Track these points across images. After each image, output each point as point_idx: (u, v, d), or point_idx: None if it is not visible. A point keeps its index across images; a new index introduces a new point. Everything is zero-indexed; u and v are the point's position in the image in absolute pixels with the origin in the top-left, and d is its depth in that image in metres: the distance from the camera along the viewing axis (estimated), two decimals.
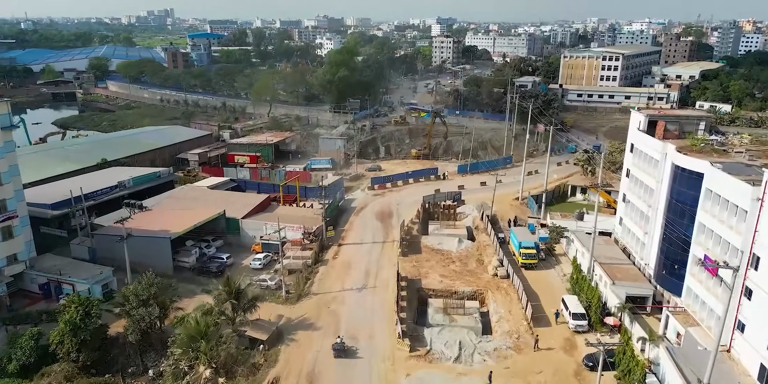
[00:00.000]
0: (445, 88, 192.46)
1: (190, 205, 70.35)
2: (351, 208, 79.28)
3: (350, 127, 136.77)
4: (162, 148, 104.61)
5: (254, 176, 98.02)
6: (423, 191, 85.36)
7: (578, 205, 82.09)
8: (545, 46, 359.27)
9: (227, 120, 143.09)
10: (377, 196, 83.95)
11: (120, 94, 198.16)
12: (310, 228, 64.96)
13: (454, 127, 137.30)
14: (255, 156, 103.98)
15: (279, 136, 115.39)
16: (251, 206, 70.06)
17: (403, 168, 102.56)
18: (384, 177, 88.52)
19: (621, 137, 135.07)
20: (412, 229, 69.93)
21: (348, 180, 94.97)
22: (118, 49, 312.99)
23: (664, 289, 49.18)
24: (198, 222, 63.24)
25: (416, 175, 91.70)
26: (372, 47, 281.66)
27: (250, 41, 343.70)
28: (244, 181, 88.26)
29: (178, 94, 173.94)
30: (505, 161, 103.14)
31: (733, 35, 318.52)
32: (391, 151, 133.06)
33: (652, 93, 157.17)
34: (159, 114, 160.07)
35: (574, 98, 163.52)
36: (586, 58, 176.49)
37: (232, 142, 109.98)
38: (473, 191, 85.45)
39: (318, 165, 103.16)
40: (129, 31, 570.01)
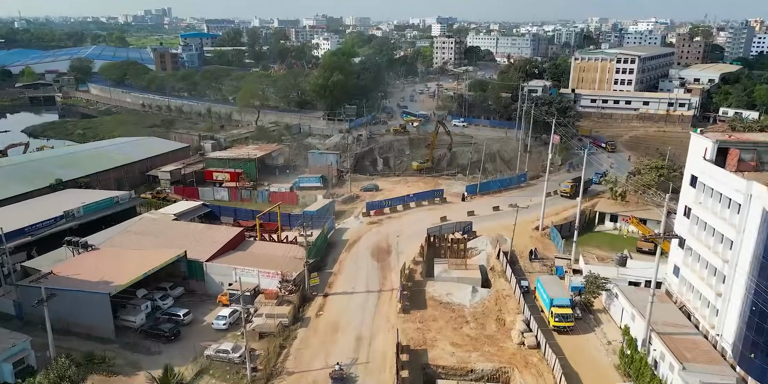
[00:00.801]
0: (447, 91, 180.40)
1: (147, 243, 58.24)
2: (342, 241, 67.08)
3: (345, 136, 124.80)
4: (131, 164, 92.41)
5: (233, 197, 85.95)
6: (426, 218, 73.38)
7: (609, 237, 70.14)
8: (550, 47, 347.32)
9: (211, 129, 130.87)
10: (373, 225, 71.80)
11: (101, 98, 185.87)
12: (289, 274, 52.83)
13: (458, 136, 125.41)
14: (236, 173, 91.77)
15: (264, 149, 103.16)
16: (219, 244, 57.95)
17: (403, 187, 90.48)
18: (381, 201, 76.37)
19: (642, 149, 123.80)
20: (414, 272, 57.86)
21: (340, 202, 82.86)
22: (107, 50, 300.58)
23: (750, 376, 37.15)
24: (150, 269, 51.07)
25: (418, 198, 79.56)
26: (370, 48, 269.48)
27: (245, 41, 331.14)
28: (219, 207, 76.02)
29: (161, 98, 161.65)
30: (520, 179, 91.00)
31: (745, 35, 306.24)
32: (390, 163, 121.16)
33: (673, 98, 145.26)
34: (139, 120, 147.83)
35: (587, 104, 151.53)
36: (599, 61, 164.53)
37: (210, 156, 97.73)
38: (485, 218, 73.36)
39: (307, 183, 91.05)
40: (124, 31, 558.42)
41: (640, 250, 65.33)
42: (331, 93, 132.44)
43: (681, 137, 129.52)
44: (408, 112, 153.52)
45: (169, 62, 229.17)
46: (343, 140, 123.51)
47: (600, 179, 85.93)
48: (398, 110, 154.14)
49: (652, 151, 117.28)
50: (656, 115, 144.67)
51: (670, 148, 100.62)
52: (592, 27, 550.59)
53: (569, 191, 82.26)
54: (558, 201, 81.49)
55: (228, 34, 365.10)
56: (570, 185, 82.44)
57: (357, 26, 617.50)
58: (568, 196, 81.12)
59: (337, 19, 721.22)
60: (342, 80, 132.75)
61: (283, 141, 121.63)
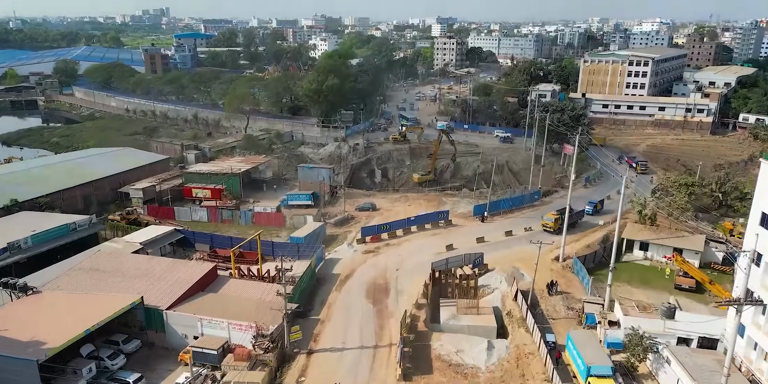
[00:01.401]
0: (449, 95, 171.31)
1: (100, 283, 49.12)
2: (332, 275, 57.91)
3: (340, 145, 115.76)
4: (101, 180, 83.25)
5: (213, 218, 76.75)
6: (430, 246, 64.28)
7: (640, 270, 61.05)
8: (553, 48, 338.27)
9: (195, 137, 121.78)
10: (369, 255, 62.62)
11: (85, 102, 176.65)
12: (265, 328, 43.68)
13: (462, 145, 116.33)
14: (218, 189, 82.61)
15: (251, 161, 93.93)
16: (186, 285, 48.78)
17: (404, 206, 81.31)
18: (378, 226, 67.16)
19: (662, 160, 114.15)
20: (417, 320, 48.77)
21: (332, 225, 73.70)
22: (97, 50, 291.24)
23: None
24: (95, 323, 41.93)
25: (421, 222, 70.37)
26: (369, 49, 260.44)
27: (240, 42, 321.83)
28: (193, 233, 66.79)
29: (146, 103, 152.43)
30: (533, 197, 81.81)
31: (754, 36, 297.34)
32: (389, 174, 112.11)
33: (691, 104, 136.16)
34: (122, 127, 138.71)
35: (598, 109, 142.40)
36: (609, 63, 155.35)
37: (189, 170, 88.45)
38: (497, 246, 64.21)
39: (296, 201, 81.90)
40: (120, 31, 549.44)
41: (678, 287, 56.35)
42: (325, 98, 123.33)
43: (702, 146, 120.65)
44: (402, 116, 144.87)
45: (159, 64, 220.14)
46: (338, 150, 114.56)
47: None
48: (398, 115, 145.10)
49: (672, 162, 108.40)
50: (673, 121, 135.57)
51: (700, 163, 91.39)
52: (594, 27, 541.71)
53: (552, 226, 68.53)
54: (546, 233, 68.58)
55: (223, 34, 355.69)
56: (554, 218, 68.71)
57: (356, 26, 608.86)
58: (552, 231, 67.97)
59: (336, 20, 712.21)
60: (338, 84, 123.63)
61: (273, 150, 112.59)
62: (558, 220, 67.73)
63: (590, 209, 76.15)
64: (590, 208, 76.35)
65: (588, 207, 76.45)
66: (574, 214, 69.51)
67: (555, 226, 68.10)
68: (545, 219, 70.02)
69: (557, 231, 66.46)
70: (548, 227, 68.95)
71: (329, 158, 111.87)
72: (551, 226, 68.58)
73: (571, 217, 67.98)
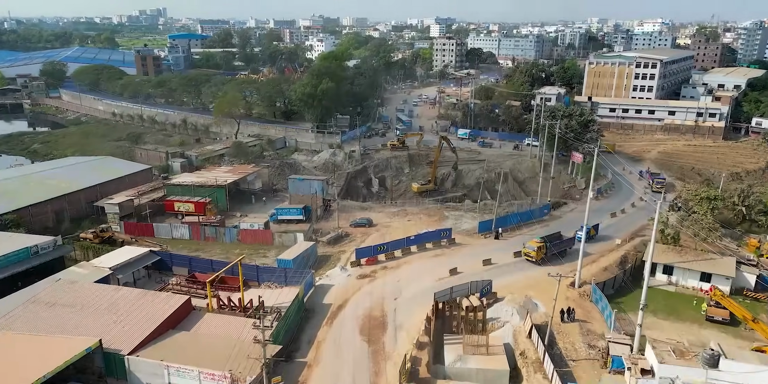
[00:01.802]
0: (449, 98, 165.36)
1: (57, 320, 43.04)
2: (322, 306, 51.78)
3: (336, 152, 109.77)
4: (75, 193, 77.09)
5: (196, 235, 70.61)
6: (431, 270, 58.22)
7: (664, 296, 55.08)
8: (554, 49, 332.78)
9: (182, 143, 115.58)
10: (364, 280, 56.50)
11: (72, 106, 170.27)
12: (242, 378, 37.53)
13: (464, 152, 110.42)
14: (202, 203, 76.47)
15: (239, 171, 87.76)
16: (154, 322, 42.69)
17: (402, 221, 75.25)
18: (375, 247, 60.99)
19: (676, 168, 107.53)
20: (419, 362, 42.65)
21: (325, 243, 67.63)
22: (88, 51, 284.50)
23: None
24: (44, 374, 35.74)
25: (421, 241, 64.26)
26: (366, 49, 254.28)
27: (236, 42, 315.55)
28: (170, 255, 60.57)
29: (134, 106, 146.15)
30: (542, 212, 75.71)
31: (759, 37, 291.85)
32: (386, 183, 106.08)
33: (702, 108, 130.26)
34: (108, 132, 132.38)
35: (605, 114, 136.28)
36: (615, 65, 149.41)
37: (171, 182, 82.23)
38: (506, 270, 58.16)
39: (286, 215, 75.80)
40: (116, 31, 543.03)
41: (710, 319, 50.42)
42: (320, 102, 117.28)
43: (716, 153, 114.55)
44: (398, 118, 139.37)
45: (151, 65, 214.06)
46: (333, 157, 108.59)
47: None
48: (395, 118, 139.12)
49: (687, 170, 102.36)
50: (683, 126, 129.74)
51: (722, 175, 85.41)
52: (593, 28, 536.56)
53: (535, 255, 59.20)
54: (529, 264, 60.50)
55: (218, 35, 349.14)
56: (537, 246, 59.39)
57: (354, 27, 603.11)
58: (534, 261, 59.39)
59: (334, 20, 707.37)
60: (333, 88, 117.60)
61: (264, 157, 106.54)
62: (542, 248, 59.42)
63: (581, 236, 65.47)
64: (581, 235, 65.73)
65: (580, 233, 62.58)
66: (562, 242, 62.31)
67: (538, 256, 59.07)
68: (527, 247, 60.28)
69: (540, 261, 58.87)
70: (530, 257, 59.76)
71: (323, 166, 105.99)
72: (534, 256, 59.34)
73: (558, 245, 61.38)
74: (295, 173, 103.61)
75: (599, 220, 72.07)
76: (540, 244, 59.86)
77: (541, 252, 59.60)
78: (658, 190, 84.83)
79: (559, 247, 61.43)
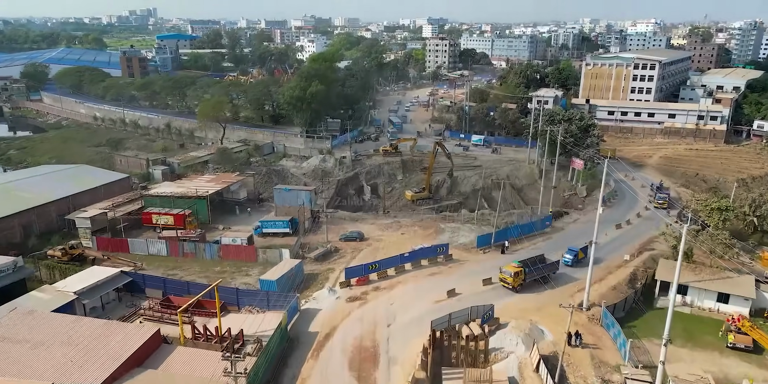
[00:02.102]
0: (443, 100, 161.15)
1: (9, 358, 38.08)
2: (307, 335, 47.11)
3: (326, 158, 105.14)
4: (45, 206, 71.91)
5: (173, 251, 65.72)
6: (428, 291, 53.74)
7: (679, 319, 50.74)
8: (548, 49, 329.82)
9: (165, 149, 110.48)
10: (354, 304, 51.88)
11: (53, 109, 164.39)
12: None
13: (459, 157, 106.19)
14: (182, 215, 71.56)
15: (222, 180, 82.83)
16: (116, 361, 37.88)
17: (396, 235, 70.67)
18: (366, 265, 56.34)
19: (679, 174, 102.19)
20: None
21: (312, 260, 62.99)
22: (73, 52, 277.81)
23: None
24: None
25: (416, 258, 59.73)
26: (358, 50, 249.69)
27: (225, 43, 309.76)
28: (143, 276, 55.65)
29: (117, 110, 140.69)
30: (543, 224, 71.35)
31: (754, 37, 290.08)
32: (378, 191, 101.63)
33: (703, 111, 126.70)
34: (88, 137, 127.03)
35: (603, 117, 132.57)
36: (613, 66, 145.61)
37: (149, 193, 77.19)
38: (507, 291, 53.60)
39: (272, 228, 71.02)
40: (105, 32, 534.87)
41: (732, 346, 46.28)
42: (309, 106, 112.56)
43: (719, 157, 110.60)
44: (390, 120, 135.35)
45: (136, 67, 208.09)
46: (323, 163, 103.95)
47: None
48: (388, 119, 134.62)
49: (691, 176, 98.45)
50: (684, 129, 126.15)
51: (735, 185, 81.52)
52: (586, 28, 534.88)
53: (512, 281, 53.05)
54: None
55: (208, 35, 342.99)
56: (514, 271, 53.05)
57: (346, 27, 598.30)
58: (511, 288, 53.36)
59: (326, 20, 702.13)
60: (323, 90, 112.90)
61: (251, 164, 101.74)
62: (520, 274, 53.27)
63: (569, 259, 59.53)
64: (570, 258, 59.60)
65: (567, 256, 59.91)
66: (545, 266, 55.84)
67: (515, 283, 53.04)
68: (503, 271, 53.76)
69: (517, 288, 53.26)
70: (506, 283, 53.42)
71: (313, 173, 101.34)
72: (510, 283, 53.09)
73: (539, 270, 55.05)
74: (282, 181, 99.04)
75: (605, 232, 67.79)
76: (518, 269, 53.39)
77: (519, 278, 53.30)
78: (660, 207, 78.38)
79: (540, 271, 54.94)
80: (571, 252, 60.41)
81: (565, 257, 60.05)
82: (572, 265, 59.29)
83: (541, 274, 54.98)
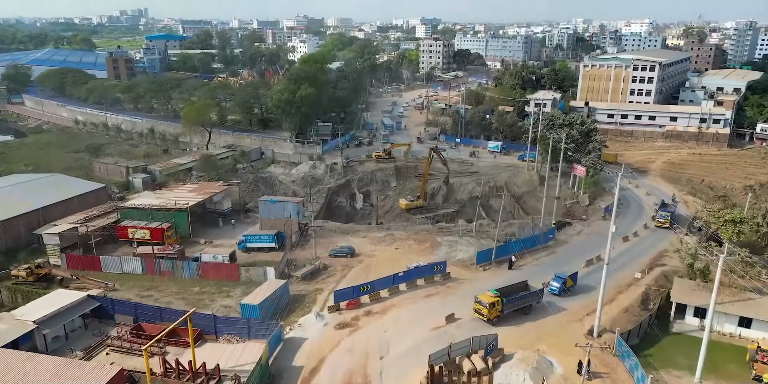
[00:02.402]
0: (437, 103, 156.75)
1: None
2: (292, 370, 42.46)
3: (316, 165, 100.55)
4: (13, 220, 66.85)
5: (149, 269, 60.96)
6: (424, 315, 49.25)
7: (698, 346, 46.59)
8: (542, 50, 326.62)
9: (148, 155, 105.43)
10: (344, 331, 47.30)
11: (35, 112, 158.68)
12: None
13: (455, 163, 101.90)
14: (160, 229, 66.75)
15: (205, 190, 77.93)
16: None
17: (389, 249, 66.15)
18: (356, 287, 51.65)
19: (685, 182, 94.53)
20: None
21: (299, 279, 58.38)
22: (59, 53, 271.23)
23: None
24: None
25: (411, 278, 55.22)
26: (351, 51, 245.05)
27: (215, 43, 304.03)
28: (111, 301, 50.78)
29: (99, 113, 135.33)
30: (546, 237, 67.00)
31: (749, 37, 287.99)
32: (371, 199, 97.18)
33: (706, 113, 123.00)
34: (68, 142, 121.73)
35: (603, 120, 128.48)
36: (612, 68, 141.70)
37: (125, 205, 72.22)
38: (511, 315, 49.15)
39: (256, 243, 66.35)
40: (95, 32, 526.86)
41: (758, 379, 42.11)
42: (298, 110, 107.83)
43: (724, 162, 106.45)
44: (382, 122, 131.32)
45: (123, 68, 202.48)
46: (313, 170, 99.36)
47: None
48: (382, 127, 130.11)
49: (697, 183, 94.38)
50: (686, 133, 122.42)
51: (748, 194, 77.54)
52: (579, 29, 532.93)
53: (487, 313, 47.01)
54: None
55: (198, 36, 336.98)
56: (489, 302, 46.94)
57: (339, 27, 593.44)
58: (486, 319, 47.36)
59: (319, 21, 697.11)
60: (313, 93, 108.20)
61: (237, 171, 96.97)
62: (497, 304, 47.08)
63: (556, 288, 52.58)
64: (557, 287, 52.65)
65: (554, 284, 53.02)
66: (527, 296, 49.45)
67: (492, 315, 46.95)
68: (479, 302, 47.59)
69: (494, 321, 47.21)
70: (481, 315, 47.32)
71: (302, 180, 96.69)
72: (486, 315, 46.98)
73: (520, 300, 48.73)
74: (270, 189, 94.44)
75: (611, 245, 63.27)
76: (494, 299, 47.25)
77: (496, 309, 47.25)
78: (662, 226, 70.90)
79: (521, 302, 49.06)
80: (558, 279, 53.32)
81: (551, 285, 53.21)
82: (559, 294, 52.71)
83: (522, 304, 48.92)
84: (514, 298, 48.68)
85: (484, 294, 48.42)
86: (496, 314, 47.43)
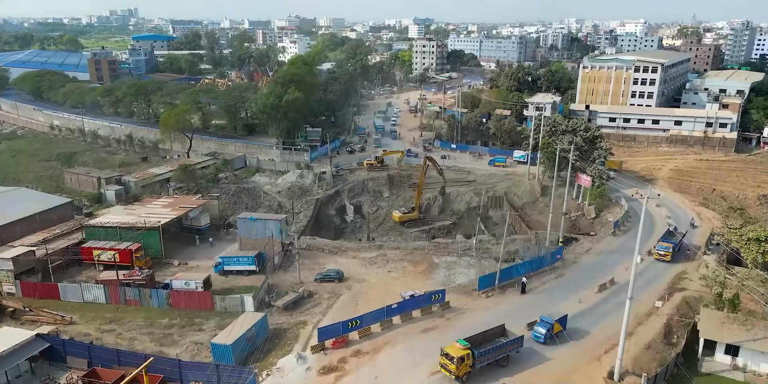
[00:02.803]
0: (432, 106, 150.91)
1: None
2: None
3: (303, 174, 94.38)
4: None
5: (113, 298, 54.54)
6: (421, 355, 43.18)
7: None
8: (537, 50, 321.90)
9: (124, 164, 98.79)
10: (328, 376, 41.18)
11: (10, 117, 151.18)
12: None
13: (452, 172, 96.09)
14: (128, 250, 60.41)
15: (180, 205, 71.35)
16: None
17: (382, 273, 60.04)
18: (345, 323, 45.50)
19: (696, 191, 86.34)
20: None
21: (280, 310, 52.19)
22: (42, 54, 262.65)
23: None
24: None
25: (405, 309, 49.17)
26: (343, 51, 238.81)
27: (204, 44, 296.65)
28: (63, 342, 44.40)
29: (76, 118, 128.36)
30: (554, 257, 61.11)
31: (747, 37, 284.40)
32: (363, 210, 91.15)
33: (711, 118, 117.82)
34: (41, 150, 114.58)
35: (604, 123, 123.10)
36: (612, 70, 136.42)
37: (91, 223, 65.66)
38: (522, 353, 43.26)
39: (234, 265, 60.12)
40: (83, 32, 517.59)
41: None
42: (285, 115, 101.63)
43: (733, 169, 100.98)
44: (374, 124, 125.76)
45: (105, 70, 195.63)
46: (300, 179, 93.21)
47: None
48: (374, 131, 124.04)
49: (708, 193, 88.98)
50: (691, 137, 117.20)
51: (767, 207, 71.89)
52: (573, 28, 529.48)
53: (455, 370, 39.20)
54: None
55: (186, 36, 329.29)
56: (458, 356, 39.18)
57: (331, 27, 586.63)
58: (455, 377, 39.58)
59: (311, 20, 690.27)
60: (301, 98, 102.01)
61: (219, 181, 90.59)
62: (467, 359, 39.47)
63: (542, 334, 44.73)
64: (542, 333, 44.74)
65: (539, 329, 45.09)
66: (503, 345, 41.75)
67: (461, 372, 39.37)
68: (444, 355, 39.94)
69: (463, 378, 39.66)
70: (448, 371, 39.66)
71: (289, 191, 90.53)
72: (454, 372, 39.23)
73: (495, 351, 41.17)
74: (254, 200, 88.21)
75: (624, 266, 57.49)
76: (464, 352, 39.51)
77: (466, 365, 39.55)
78: (661, 259, 61.42)
79: (497, 352, 41.37)
80: (544, 324, 45.10)
81: (535, 331, 45.12)
82: (545, 342, 44.71)
83: (498, 356, 41.40)
84: (488, 349, 40.95)
85: (452, 346, 40.36)
86: (466, 371, 39.67)
